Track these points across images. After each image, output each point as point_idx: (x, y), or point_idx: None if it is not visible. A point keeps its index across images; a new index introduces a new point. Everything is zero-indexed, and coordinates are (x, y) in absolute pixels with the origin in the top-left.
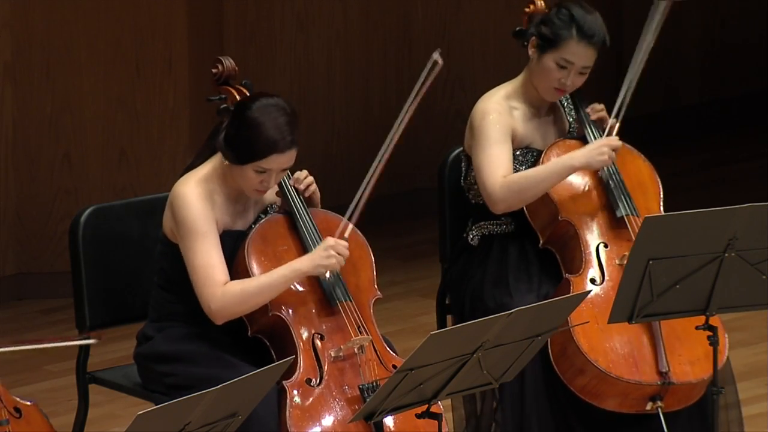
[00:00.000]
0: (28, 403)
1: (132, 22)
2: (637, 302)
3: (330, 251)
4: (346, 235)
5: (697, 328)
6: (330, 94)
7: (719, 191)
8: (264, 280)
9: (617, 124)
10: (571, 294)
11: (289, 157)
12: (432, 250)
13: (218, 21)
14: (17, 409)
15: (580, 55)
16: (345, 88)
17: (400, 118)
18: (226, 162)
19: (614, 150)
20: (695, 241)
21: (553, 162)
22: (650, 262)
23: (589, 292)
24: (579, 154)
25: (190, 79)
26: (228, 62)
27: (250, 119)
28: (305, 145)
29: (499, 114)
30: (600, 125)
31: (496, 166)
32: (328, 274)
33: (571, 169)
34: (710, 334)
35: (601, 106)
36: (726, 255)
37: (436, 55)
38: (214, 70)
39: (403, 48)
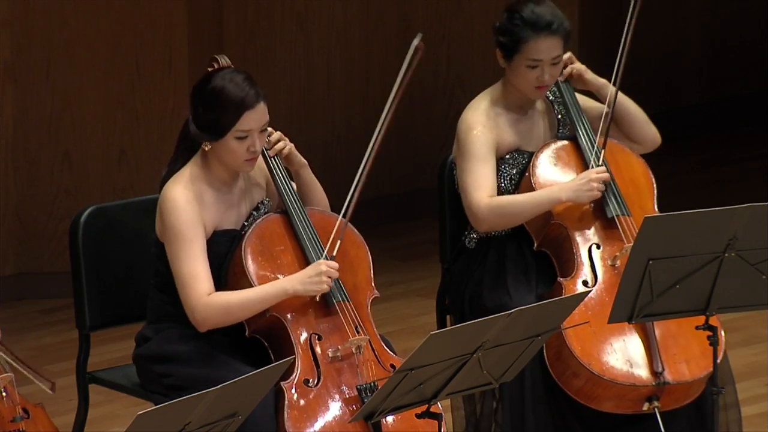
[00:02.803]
0: (36, 405)
1: (132, 22)
2: (637, 302)
3: (322, 277)
4: (335, 252)
5: (697, 328)
6: (330, 94)
7: (719, 191)
8: (249, 296)
9: (603, 151)
10: (571, 294)
11: (261, 112)
12: (432, 250)
13: (218, 21)
14: (25, 410)
15: (544, 49)
16: (345, 88)
17: (386, 109)
18: (208, 146)
19: (602, 182)
20: (695, 241)
21: (540, 192)
22: (650, 262)
23: (590, 291)
24: (567, 188)
25: (190, 79)
26: (223, 60)
27: (210, 90)
28: (305, 145)
29: (484, 127)
30: (590, 120)
31: (480, 186)
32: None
33: (558, 201)
34: (710, 334)
35: (569, 63)
36: (726, 255)
37: (417, 41)
38: (210, 69)
39: (403, 48)
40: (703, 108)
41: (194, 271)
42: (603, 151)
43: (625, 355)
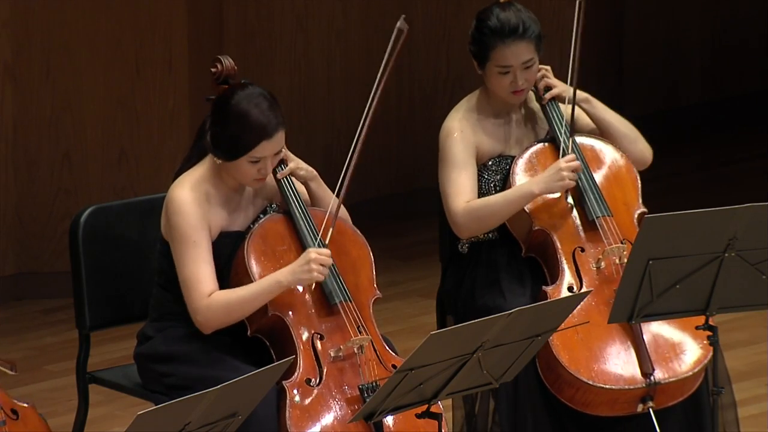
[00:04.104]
0: (26, 405)
1: (132, 22)
2: (637, 302)
3: (310, 265)
4: (327, 240)
5: (697, 328)
6: (330, 94)
7: (719, 191)
8: (246, 292)
9: (570, 139)
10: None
11: (278, 141)
12: (432, 250)
13: (218, 21)
14: (14, 411)
15: (512, 55)
16: (345, 88)
17: (372, 94)
18: (218, 161)
19: (573, 171)
20: (695, 241)
21: (513, 190)
22: (650, 262)
23: (590, 291)
24: (538, 180)
25: (190, 79)
26: (227, 61)
27: (233, 113)
28: (305, 145)
29: (462, 132)
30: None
31: (457, 192)
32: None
33: (531, 195)
34: (710, 334)
35: (543, 74)
36: (726, 255)
37: (400, 23)
38: (213, 69)
39: (403, 48)
40: (703, 108)
41: (197, 274)
42: (571, 140)
43: (613, 359)
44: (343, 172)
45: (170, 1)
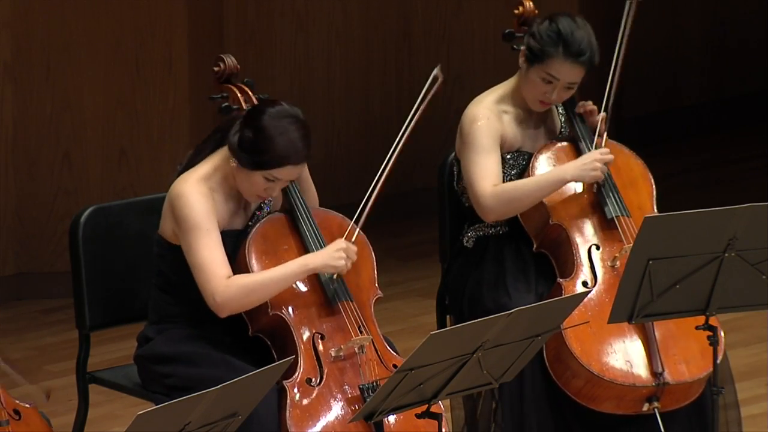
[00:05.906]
0: (27, 405)
1: (132, 22)
2: (637, 302)
3: (341, 253)
4: (353, 239)
5: (697, 328)
6: (330, 94)
7: (719, 191)
8: (271, 274)
9: (605, 137)
10: (571, 294)
11: (300, 170)
12: (432, 250)
13: (218, 21)
14: (16, 411)
15: (565, 72)
16: (345, 88)
17: (401, 134)
18: (234, 164)
19: (606, 163)
20: (695, 241)
21: (545, 174)
22: (650, 262)
23: (589, 292)
24: (571, 167)
25: (190, 79)
26: (230, 60)
27: (269, 127)
28: None
29: (488, 119)
30: (591, 127)
31: (485, 176)
32: (332, 274)
33: (563, 182)
34: (710, 334)
35: (590, 103)
36: (726, 255)
37: (436, 71)
38: (215, 69)
39: (403, 48)
40: (703, 108)
41: (213, 256)
42: (604, 139)
43: (624, 355)
44: (364, 200)
45: (170, 1)
